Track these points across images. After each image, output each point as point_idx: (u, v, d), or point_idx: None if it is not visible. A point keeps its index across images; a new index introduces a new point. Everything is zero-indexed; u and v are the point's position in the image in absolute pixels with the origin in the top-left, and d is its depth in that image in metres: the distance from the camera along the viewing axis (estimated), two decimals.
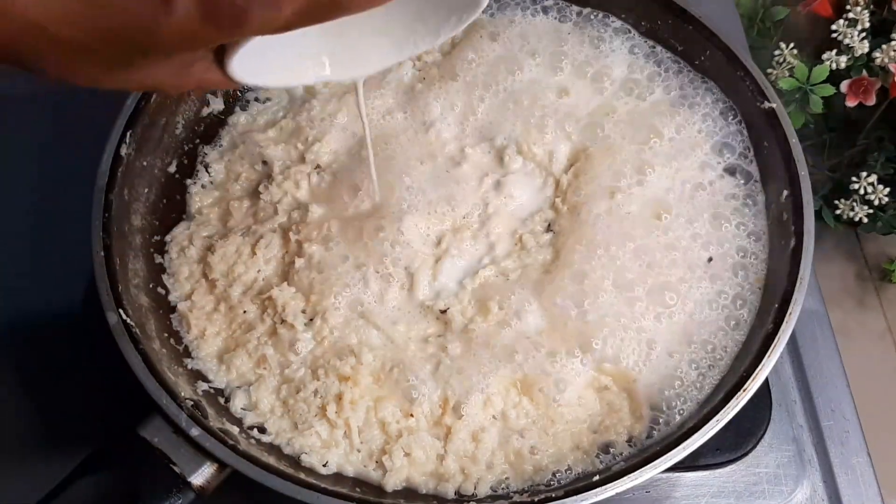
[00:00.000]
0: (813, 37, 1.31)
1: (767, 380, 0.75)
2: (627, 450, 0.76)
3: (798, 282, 0.76)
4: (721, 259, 0.84)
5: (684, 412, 0.76)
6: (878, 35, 1.19)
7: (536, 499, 0.68)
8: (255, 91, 0.98)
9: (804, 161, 0.83)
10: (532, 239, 0.86)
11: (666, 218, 0.85)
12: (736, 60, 0.89)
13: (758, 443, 0.83)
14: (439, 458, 0.75)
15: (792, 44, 1.19)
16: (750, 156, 0.89)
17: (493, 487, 0.75)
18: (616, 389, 0.79)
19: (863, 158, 1.29)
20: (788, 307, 0.75)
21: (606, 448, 0.76)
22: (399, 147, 0.91)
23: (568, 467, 0.75)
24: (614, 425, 0.77)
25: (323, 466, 0.75)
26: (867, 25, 1.17)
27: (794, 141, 0.84)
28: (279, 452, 0.75)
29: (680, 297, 0.81)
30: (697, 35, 0.92)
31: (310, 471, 0.74)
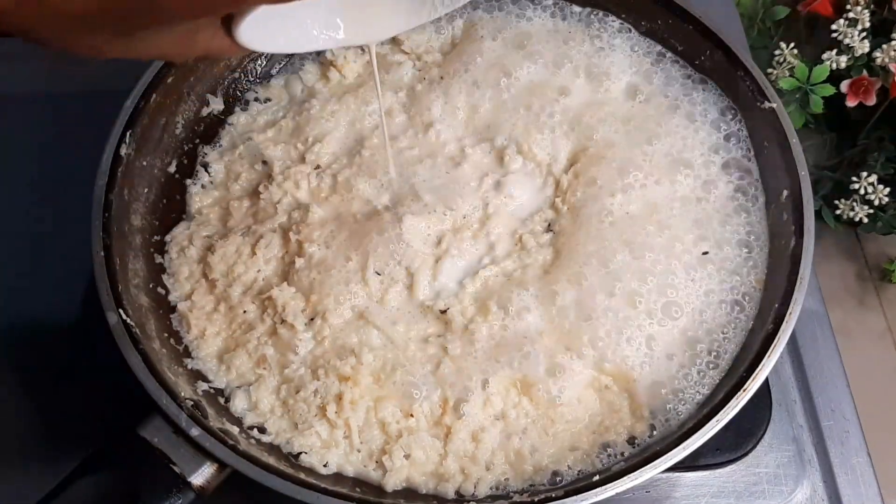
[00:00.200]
0: (813, 37, 1.32)
1: (767, 380, 0.75)
2: (627, 450, 0.76)
3: (798, 282, 0.76)
4: (721, 259, 0.84)
5: (684, 412, 0.76)
6: (879, 35, 1.19)
7: (536, 499, 0.68)
8: (256, 91, 0.98)
9: (804, 161, 0.83)
10: (532, 239, 0.86)
11: (666, 218, 0.85)
12: (736, 60, 0.89)
13: (758, 443, 0.83)
14: (439, 458, 0.75)
15: (792, 44, 1.19)
16: (750, 156, 0.89)
17: (493, 487, 0.75)
18: (616, 389, 0.79)
19: (863, 158, 1.29)
20: (788, 307, 0.75)
21: (606, 448, 0.76)
22: (399, 147, 0.91)
23: (568, 467, 0.75)
24: (614, 425, 0.77)
25: (323, 466, 0.75)
26: (867, 25, 1.17)
27: (795, 141, 0.84)
28: (279, 452, 0.75)
29: (680, 297, 0.81)
30: (697, 35, 0.92)
31: (310, 471, 0.74)
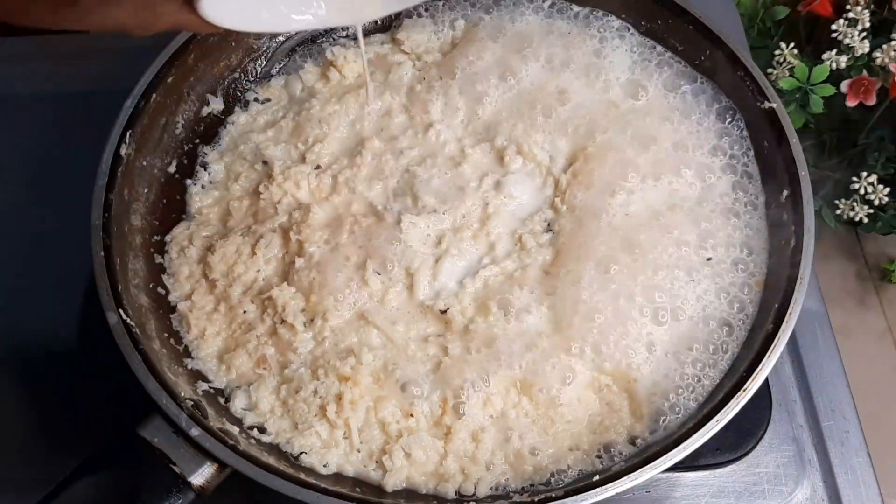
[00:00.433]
0: (813, 37, 1.32)
1: (767, 380, 0.75)
2: (627, 450, 0.76)
3: (798, 282, 0.76)
4: (721, 259, 0.84)
5: (684, 412, 0.76)
6: (879, 35, 1.19)
7: (536, 499, 0.68)
8: (256, 91, 0.98)
9: (804, 161, 0.83)
10: (532, 239, 0.85)
11: (665, 218, 0.85)
12: (736, 60, 0.89)
13: (758, 443, 0.83)
14: (439, 458, 0.75)
15: (792, 44, 1.19)
16: (750, 156, 0.89)
17: (493, 487, 0.75)
18: (616, 389, 0.79)
19: (863, 158, 1.29)
20: (788, 307, 0.75)
21: (606, 448, 0.76)
22: (399, 147, 0.91)
23: (568, 467, 0.75)
24: (614, 425, 0.77)
25: (323, 466, 0.75)
26: (867, 25, 1.17)
27: (795, 141, 0.84)
28: (279, 452, 0.75)
29: (680, 297, 0.81)
30: (697, 35, 0.92)
31: (310, 471, 0.74)
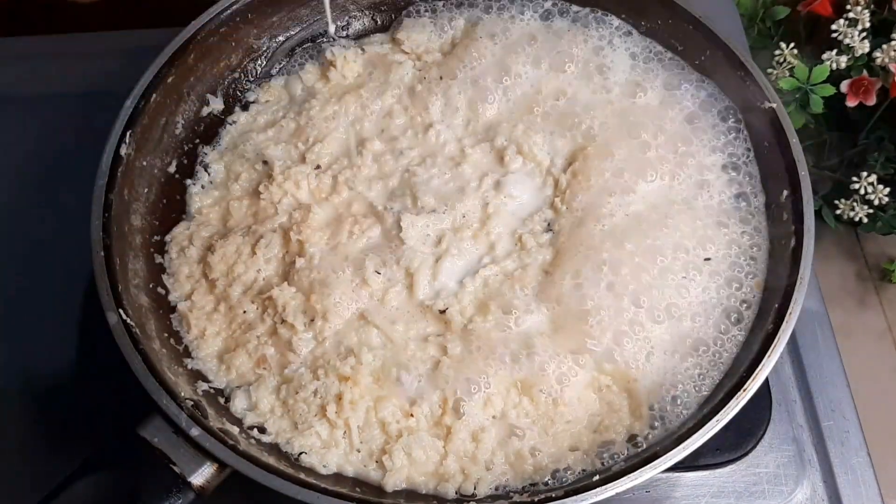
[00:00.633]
0: (813, 37, 1.31)
1: (767, 380, 0.75)
2: (627, 450, 0.76)
3: (798, 282, 0.76)
4: (721, 259, 0.84)
5: (684, 412, 0.76)
6: (879, 35, 1.19)
7: (536, 499, 0.68)
8: (256, 91, 0.98)
9: (804, 161, 0.83)
10: (532, 239, 0.85)
11: (665, 218, 0.85)
12: (736, 60, 0.89)
13: (758, 443, 0.83)
14: (439, 458, 0.75)
15: (792, 44, 1.19)
16: (750, 156, 0.89)
17: (494, 487, 0.75)
18: (616, 389, 0.79)
19: (863, 158, 1.29)
20: (788, 307, 0.75)
21: (606, 448, 0.76)
22: (399, 147, 0.91)
23: (568, 467, 0.75)
24: (614, 425, 0.77)
25: (323, 466, 0.75)
26: (867, 25, 1.17)
27: (795, 141, 0.84)
28: (279, 452, 0.75)
29: (680, 297, 0.81)
30: (697, 35, 0.92)
31: (310, 471, 0.74)
